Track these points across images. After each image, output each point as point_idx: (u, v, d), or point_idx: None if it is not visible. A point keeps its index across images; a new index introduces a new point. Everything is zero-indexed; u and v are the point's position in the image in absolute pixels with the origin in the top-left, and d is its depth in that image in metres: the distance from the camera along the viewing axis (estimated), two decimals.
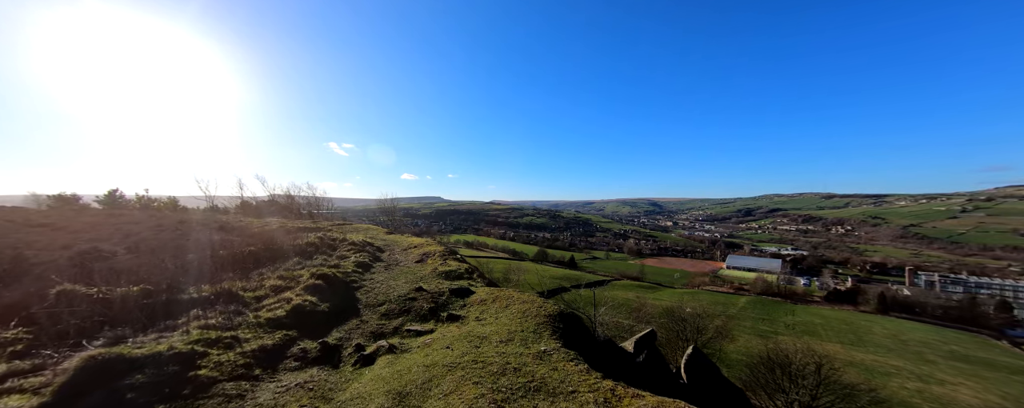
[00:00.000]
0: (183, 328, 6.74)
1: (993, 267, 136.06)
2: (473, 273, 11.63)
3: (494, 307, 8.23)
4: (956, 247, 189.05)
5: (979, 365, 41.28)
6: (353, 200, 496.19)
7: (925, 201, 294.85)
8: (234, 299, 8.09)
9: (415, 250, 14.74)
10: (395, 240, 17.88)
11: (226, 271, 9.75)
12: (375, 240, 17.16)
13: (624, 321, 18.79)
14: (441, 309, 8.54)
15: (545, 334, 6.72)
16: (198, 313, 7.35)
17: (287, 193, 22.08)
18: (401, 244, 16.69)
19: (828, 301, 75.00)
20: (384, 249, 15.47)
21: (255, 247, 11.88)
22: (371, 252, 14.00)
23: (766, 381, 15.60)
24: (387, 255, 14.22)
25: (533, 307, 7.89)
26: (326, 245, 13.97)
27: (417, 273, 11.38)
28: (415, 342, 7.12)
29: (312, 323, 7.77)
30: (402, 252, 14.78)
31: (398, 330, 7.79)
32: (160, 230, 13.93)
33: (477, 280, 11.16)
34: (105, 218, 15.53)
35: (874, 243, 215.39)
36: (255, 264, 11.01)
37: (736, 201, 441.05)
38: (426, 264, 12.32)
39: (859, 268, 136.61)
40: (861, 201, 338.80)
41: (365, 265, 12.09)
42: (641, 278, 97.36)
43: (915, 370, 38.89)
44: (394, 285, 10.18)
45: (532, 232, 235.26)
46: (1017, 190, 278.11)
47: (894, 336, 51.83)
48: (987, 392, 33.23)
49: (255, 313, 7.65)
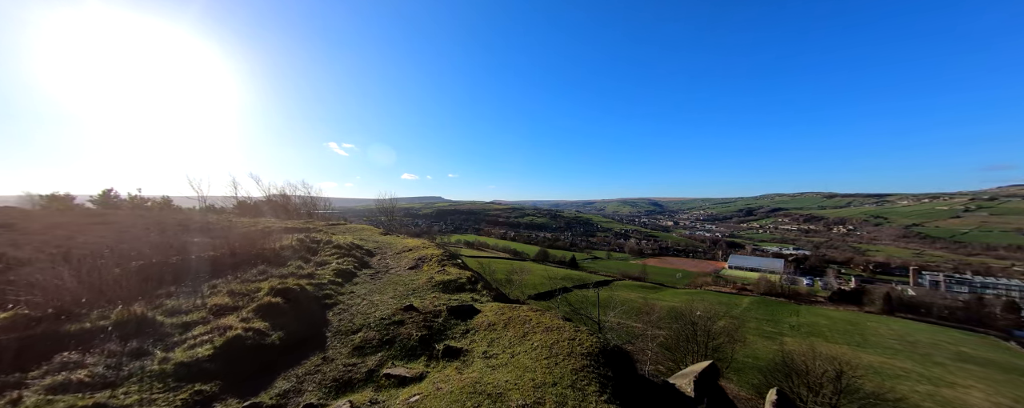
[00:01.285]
0: (33, 386, 4.32)
1: (997, 267, 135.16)
2: (476, 283, 10.02)
3: (508, 335, 6.24)
4: (959, 247, 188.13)
5: (989, 367, 40.57)
6: (353, 200, 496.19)
7: (927, 200, 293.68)
8: (147, 329, 5.93)
9: (409, 254, 13.24)
10: (389, 242, 16.62)
11: (167, 284, 7.95)
12: (366, 242, 15.94)
13: (634, 324, 18.20)
14: (436, 338, 6.46)
15: (590, 390, 4.56)
16: (70, 358, 4.91)
17: (282, 193, 21.49)
18: (395, 247, 15.22)
19: (832, 301, 74.24)
20: (374, 252, 14.09)
21: (218, 252, 10.09)
22: (358, 257, 12.65)
23: (783, 388, 14.90)
24: (377, 260, 12.88)
25: (562, 339, 5.76)
26: (306, 248, 12.60)
27: (409, 283, 9.81)
28: (396, 399, 4.68)
29: (249, 366, 5.52)
30: (394, 256, 13.36)
31: (374, 376, 5.45)
32: (127, 231, 12.89)
33: (482, 293, 9.38)
34: (79, 218, 14.88)
35: (876, 243, 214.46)
36: (213, 273, 9.18)
37: (737, 201, 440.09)
38: (421, 271, 10.82)
39: (862, 268, 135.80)
40: (863, 201, 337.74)
41: (347, 274, 10.53)
42: (643, 278, 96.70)
43: (925, 372, 38.16)
44: (379, 301, 8.40)
45: (533, 232, 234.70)
46: (1020, 189, 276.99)
47: (901, 337, 51.11)
48: (999, 395, 32.51)
49: (168, 352, 5.39)
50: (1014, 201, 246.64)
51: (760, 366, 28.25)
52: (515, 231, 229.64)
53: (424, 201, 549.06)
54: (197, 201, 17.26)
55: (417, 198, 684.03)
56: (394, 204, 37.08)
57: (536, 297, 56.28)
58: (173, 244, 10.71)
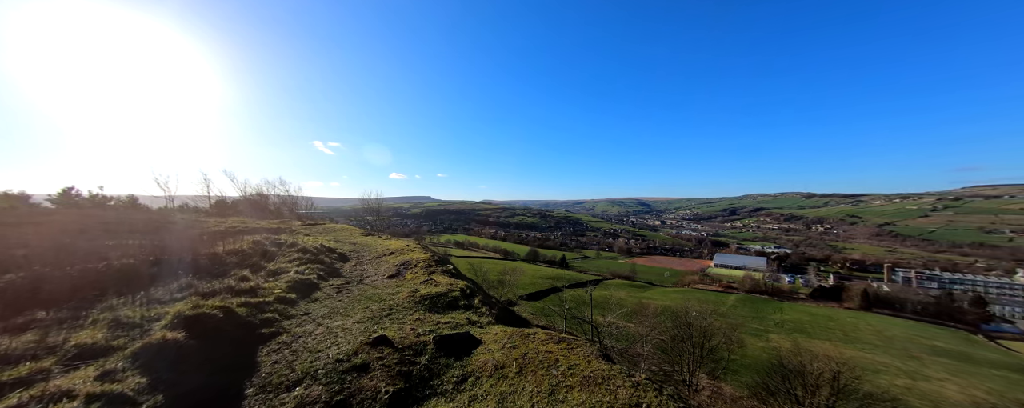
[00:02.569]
0: None
1: (963, 263, 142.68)
2: (472, 296, 8.13)
3: (526, 388, 4.06)
4: (927, 244, 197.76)
5: (961, 360, 42.32)
6: (339, 200, 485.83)
7: (899, 200, 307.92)
8: None
9: (390, 259, 11.33)
10: (368, 244, 14.75)
11: (38, 307, 5.89)
12: (341, 244, 14.15)
13: (627, 324, 17.89)
14: (417, 392, 4.27)
15: None
16: None
17: (259, 191, 20.24)
18: (375, 249, 13.32)
19: (813, 298, 76.49)
20: (349, 257, 12.27)
21: (136, 260, 8.40)
22: (326, 263, 10.83)
23: (777, 390, 14.76)
24: (350, 267, 10.99)
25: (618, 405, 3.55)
26: (261, 253, 10.76)
27: (386, 299, 7.82)
28: None
29: None
30: (373, 262, 11.51)
31: None
32: (47, 235, 11.01)
33: (481, 310, 7.37)
34: (6, 217, 13.30)
35: (852, 241, 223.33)
36: (117, 289, 7.13)
37: (721, 200, 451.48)
38: (403, 281, 8.97)
39: (840, 265, 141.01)
40: (839, 200, 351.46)
41: (306, 286, 8.60)
42: (632, 277, 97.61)
43: (902, 366, 39.46)
44: (340, 328, 6.16)
45: (523, 232, 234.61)
46: (983, 190, 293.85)
47: (879, 332, 52.89)
48: (973, 388, 33.82)
49: None
50: (977, 201, 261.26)
51: (751, 364, 28.55)
52: (505, 231, 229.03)
53: (413, 201, 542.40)
54: (166, 200, 15.95)
55: (406, 198, 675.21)
56: (381, 204, 35.69)
57: (528, 297, 55.89)
58: (88, 250, 8.64)
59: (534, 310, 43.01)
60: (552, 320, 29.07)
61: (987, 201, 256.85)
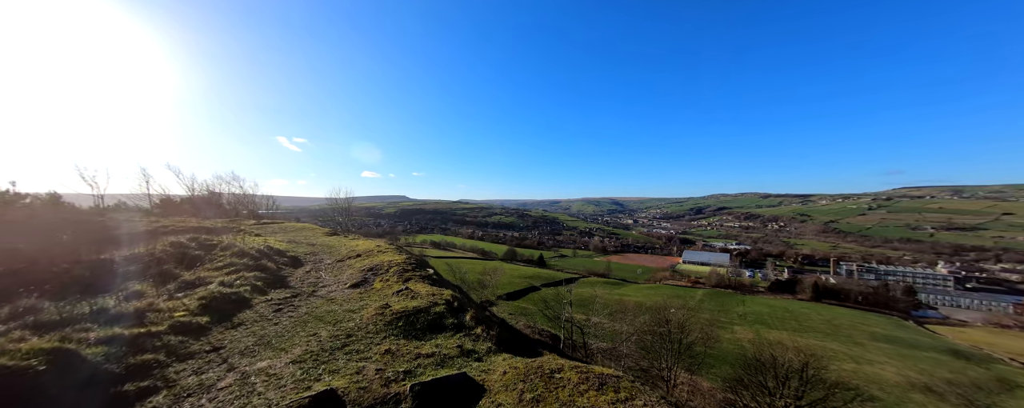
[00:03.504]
0: None
1: (894, 257, 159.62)
2: (462, 310, 6.32)
3: None
4: (865, 240, 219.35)
5: (898, 344, 46.93)
6: (306, 199, 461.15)
7: (841, 200, 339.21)
8: None
9: (356, 263, 9.39)
10: (330, 245, 12.77)
11: None
12: (296, 245, 12.20)
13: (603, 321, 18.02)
14: None
15: None
16: None
17: (210, 189, 18.26)
18: (337, 251, 11.37)
19: (771, 291, 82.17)
20: (304, 261, 10.27)
21: None
22: (270, 270, 8.80)
23: (751, 382, 15.30)
24: (303, 273, 9.00)
25: None
26: (180, 258, 8.59)
27: (344, 319, 5.91)
28: None
29: None
30: (333, 267, 9.56)
31: None
32: None
33: (476, 332, 5.55)
34: None
35: (802, 238, 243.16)
36: None
37: (688, 200, 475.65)
38: (370, 292, 7.12)
39: (793, 260, 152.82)
40: (791, 200, 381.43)
41: (230, 304, 6.53)
42: (608, 275, 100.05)
43: (848, 352, 43.13)
44: (260, 376, 4.11)
45: (501, 231, 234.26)
46: (909, 191, 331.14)
47: (828, 321, 57.60)
48: (907, 369, 37.55)
49: None
50: (904, 201, 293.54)
51: (718, 355, 29.86)
52: (483, 230, 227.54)
53: (387, 200, 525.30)
54: (95, 199, 13.85)
55: (379, 197, 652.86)
56: (351, 203, 33.38)
57: (507, 297, 55.52)
58: None
59: (513, 310, 42.71)
60: (533, 320, 28.85)
61: (912, 201, 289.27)
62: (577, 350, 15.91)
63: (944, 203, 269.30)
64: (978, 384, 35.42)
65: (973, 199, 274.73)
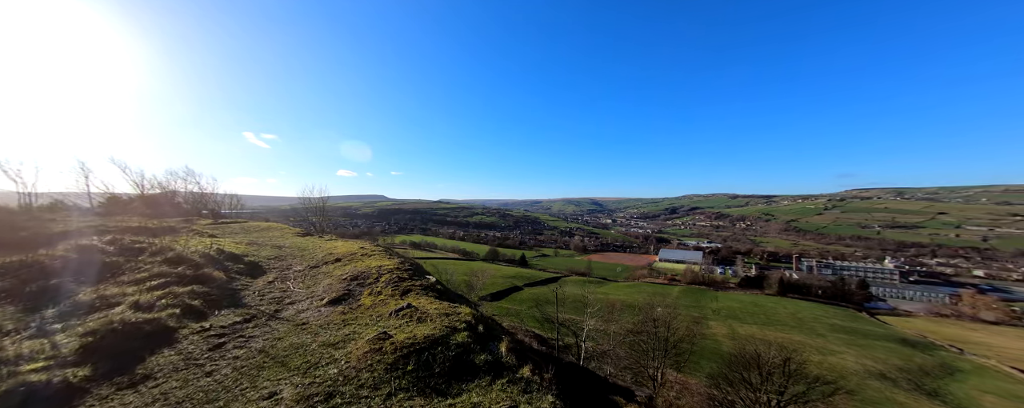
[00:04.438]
0: None
1: (847, 253, 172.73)
2: (492, 338, 4.85)
3: None
4: (821, 237, 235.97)
5: (854, 335, 50.42)
6: (277, 199, 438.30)
7: (801, 200, 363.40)
8: None
9: (335, 269, 7.69)
10: (303, 247, 10.82)
11: None
12: (258, 248, 10.04)
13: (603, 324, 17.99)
14: None
15: None
16: None
17: (163, 186, 16.49)
18: (311, 255, 9.37)
19: (741, 286, 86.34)
20: (267, 267, 8.42)
21: None
22: (217, 282, 6.75)
23: (735, 379, 15.59)
24: (264, 285, 7.10)
25: None
26: (75, 270, 6.32)
27: (321, 362, 4.10)
28: None
29: None
30: (305, 274, 7.76)
31: None
32: None
33: (529, 379, 3.86)
34: None
35: (766, 236, 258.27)
36: None
37: (664, 200, 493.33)
38: (357, 312, 5.27)
39: (759, 257, 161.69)
40: (757, 201, 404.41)
41: (133, 341, 4.46)
42: (589, 273, 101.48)
43: (812, 343, 45.86)
44: None
45: (482, 231, 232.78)
46: (859, 192, 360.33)
47: (793, 314, 61.13)
48: (864, 358, 40.35)
49: None
50: (855, 202, 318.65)
51: (697, 350, 30.73)
52: (465, 231, 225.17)
53: (364, 200, 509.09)
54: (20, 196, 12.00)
55: (356, 196, 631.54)
56: (325, 202, 31.21)
57: (490, 297, 54.85)
58: None
59: (497, 311, 42.20)
60: (520, 320, 28.48)
61: (862, 202, 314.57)
62: (569, 352, 15.62)
63: (889, 203, 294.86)
64: (924, 369, 38.68)
65: (913, 200, 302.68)
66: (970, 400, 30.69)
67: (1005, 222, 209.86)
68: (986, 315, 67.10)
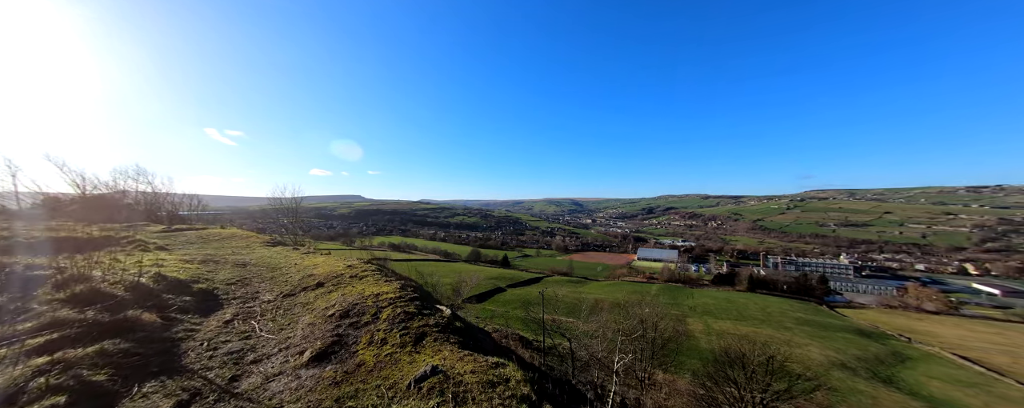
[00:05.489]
0: None
1: (808, 250, 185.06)
2: None
3: None
4: (784, 236, 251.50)
5: (817, 327, 53.68)
6: (245, 199, 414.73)
7: (766, 201, 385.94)
8: None
9: (318, 297, 6.19)
10: (274, 263, 8.81)
11: None
12: (214, 268, 7.89)
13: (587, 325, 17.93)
14: None
15: None
16: None
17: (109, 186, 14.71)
18: (285, 275, 7.65)
19: (715, 283, 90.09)
20: (223, 297, 6.44)
21: None
22: (147, 332, 4.82)
23: (719, 376, 15.86)
24: (217, 328, 5.31)
25: None
26: None
27: None
28: None
29: None
30: (277, 307, 6.11)
31: None
32: None
33: None
34: None
35: (735, 234, 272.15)
36: None
37: (641, 201, 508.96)
38: (354, 380, 3.83)
39: (730, 255, 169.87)
40: (727, 201, 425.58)
41: None
42: (570, 273, 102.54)
43: (780, 336, 48.33)
44: None
45: (464, 232, 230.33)
46: (817, 193, 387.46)
47: (762, 309, 64.38)
48: (827, 349, 42.95)
49: None
50: (813, 202, 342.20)
51: (676, 348, 31.49)
52: (446, 231, 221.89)
53: (340, 200, 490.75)
54: None
55: (331, 196, 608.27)
56: (298, 203, 28.96)
57: (473, 299, 53.98)
58: None
59: (480, 313, 41.52)
60: (506, 323, 27.96)
61: (820, 202, 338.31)
62: (564, 360, 15.28)
63: (843, 203, 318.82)
64: (879, 358, 41.70)
65: (863, 200, 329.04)
66: (920, 385, 33.31)
67: (940, 220, 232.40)
68: (928, 305, 73.64)
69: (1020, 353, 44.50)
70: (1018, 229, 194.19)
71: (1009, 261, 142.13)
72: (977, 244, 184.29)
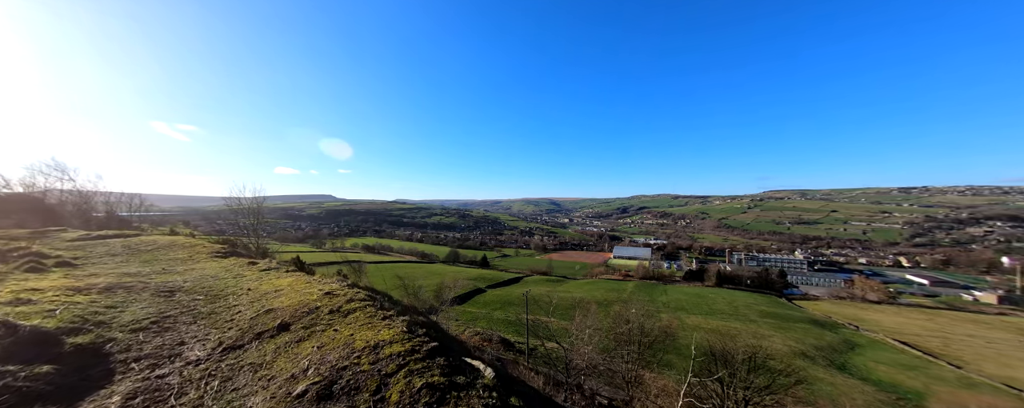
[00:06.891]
0: None
1: (767, 246, 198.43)
2: None
3: None
4: (746, 233, 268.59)
5: (778, 319, 57.25)
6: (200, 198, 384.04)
7: (729, 200, 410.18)
8: None
9: (281, 355, 3.64)
10: (217, 287, 5.97)
11: None
12: (127, 297, 4.80)
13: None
14: None
15: None
16: None
17: (25, 183, 12.60)
18: (232, 309, 5.14)
19: (686, 279, 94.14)
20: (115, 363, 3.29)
21: None
22: None
23: (708, 374, 16.12)
24: None
25: None
26: None
27: None
28: None
29: None
30: (208, 378, 3.26)
31: None
32: None
33: None
34: None
35: (702, 232, 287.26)
36: None
37: (615, 200, 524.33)
38: None
39: (698, 252, 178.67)
40: (694, 201, 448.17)
41: None
42: (549, 272, 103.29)
43: (746, 329, 51.11)
44: None
45: (442, 232, 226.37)
46: (775, 193, 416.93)
47: (730, 303, 67.91)
48: (788, 339, 45.82)
49: None
50: (771, 202, 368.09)
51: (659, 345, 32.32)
52: (423, 232, 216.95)
53: (309, 200, 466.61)
54: None
55: (299, 196, 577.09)
56: (261, 203, 26.00)
57: (456, 300, 52.65)
58: None
59: (460, 315, 40.52)
60: (488, 325, 27.34)
61: (777, 202, 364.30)
62: (552, 366, 14.86)
63: (796, 203, 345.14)
64: (833, 346, 45.06)
65: (813, 200, 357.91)
66: (869, 370, 36.25)
67: (878, 218, 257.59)
68: (872, 296, 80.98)
69: (949, 337, 49.82)
70: (940, 225, 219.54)
71: (934, 254, 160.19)
72: (908, 239, 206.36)
